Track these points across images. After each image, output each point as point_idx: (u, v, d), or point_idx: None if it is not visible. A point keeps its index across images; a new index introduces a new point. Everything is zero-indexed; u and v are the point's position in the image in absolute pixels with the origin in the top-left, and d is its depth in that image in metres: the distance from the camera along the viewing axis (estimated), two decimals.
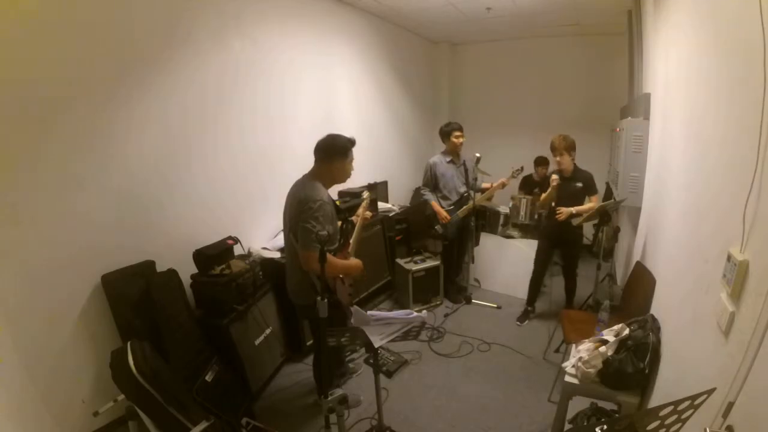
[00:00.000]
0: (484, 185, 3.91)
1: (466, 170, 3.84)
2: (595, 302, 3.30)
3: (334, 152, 2.17)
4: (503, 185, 3.83)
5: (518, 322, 3.66)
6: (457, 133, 3.71)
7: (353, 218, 2.51)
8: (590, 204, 3.25)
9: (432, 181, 3.81)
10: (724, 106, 1.41)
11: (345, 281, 2.32)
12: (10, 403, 1.61)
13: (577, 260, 3.56)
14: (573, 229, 3.31)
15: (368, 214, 2.56)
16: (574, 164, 3.29)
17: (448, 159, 3.79)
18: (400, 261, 3.92)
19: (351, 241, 2.39)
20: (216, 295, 2.42)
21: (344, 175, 2.25)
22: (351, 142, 2.22)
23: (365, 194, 2.64)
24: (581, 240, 3.59)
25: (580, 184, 3.26)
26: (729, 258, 1.14)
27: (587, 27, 4.92)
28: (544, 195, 3.41)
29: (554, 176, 3.26)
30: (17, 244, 1.86)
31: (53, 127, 1.97)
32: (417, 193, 4.83)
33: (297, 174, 2.25)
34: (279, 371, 2.92)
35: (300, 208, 2.05)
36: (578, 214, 3.21)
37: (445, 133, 3.76)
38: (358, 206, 2.74)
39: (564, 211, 3.21)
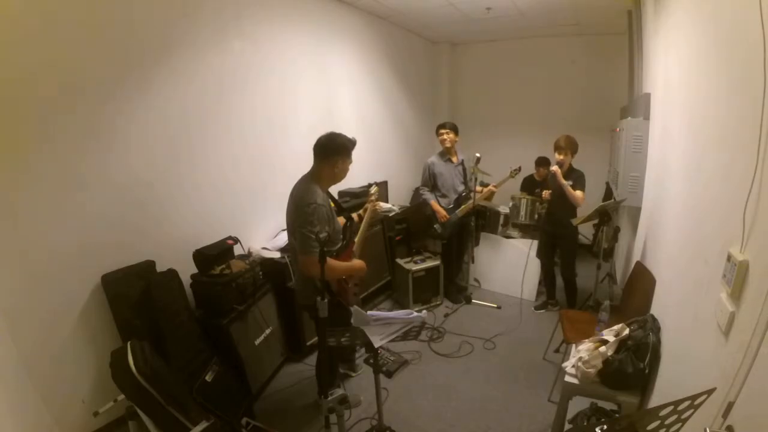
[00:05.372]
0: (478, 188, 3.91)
1: (464, 169, 3.85)
2: (595, 302, 3.30)
3: (335, 151, 2.12)
4: (491, 193, 3.85)
5: (534, 309, 3.91)
6: (441, 131, 3.75)
7: (359, 212, 2.49)
8: (579, 192, 3.35)
9: (430, 180, 3.83)
10: (724, 106, 1.41)
11: (349, 282, 2.32)
12: (10, 403, 1.61)
13: (573, 257, 3.58)
14: (565, 223, 3.38)
15: (380, 205, 2.45)
16: (570, 164, 3.44)
17: (445, 158, 3.81)
18: (400, 261, 3.92)
19: (356, 240, 2.38)
20: (216, 295, 2.42)
21: (344, 174, 2.22)
22: (352, 143, 2.18)
23: (373, 189, 2.54)
24: (575, 235, 3.63)
25: (570, 182, 3.37)
26: (729, 258, 1.14)
27: (587, 27, 4.91)
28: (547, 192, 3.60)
29: (554, 168, 3.42)
30: (17, 243, 1.86)
31: (53, 127, 1.97)
32: (417, 193, 4.83)
33: (297, 174, 2.25)
34: (279, 371, 2.92)
35: (296, 213, 2.06)
36: (572, 206, 3.36)
37: (436, 132, 3.83)
38: (359, 206, 2.72)
39: (555, 169, 3.37)
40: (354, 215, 2.46)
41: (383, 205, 4.23)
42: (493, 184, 3.86)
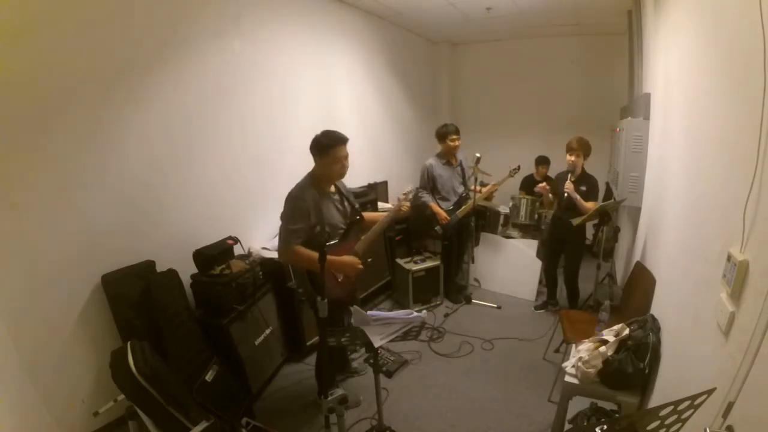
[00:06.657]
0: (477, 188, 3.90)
1: (463, 170, 3.84)
2: (595, 302, 3.30)
3: (315, 151, 2.19)
4: (491, 192, 3.84)
5: (534, 309, 3.89)
6: (453, 137, 3.69)
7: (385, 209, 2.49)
8: (591, 203, 3.27)
9: (429, 183, 3.81)
10: (724, 106, 1.41)
11: (338, 277, 2.31)
12: (10, 403, 1.61)
13: (578, 262, 3.55)
14: (575, 229, 3.31)
15: (407, 207, 2.41)
16: (583, 168, 3.35)
17: (444, 161, 3.79)
18: (400, 261, 3.92)
19: (363, 237, 2.38)
20: (216, 295, 2.42)
21: (332, 173, 2.21)
22: (336, 140, 2.15)
23: (410, 187, 2.50)
24: (583, 241, 3.58)
25: (584, 188, 3.30)
26: (729, 258, 1.14)
27: (587, 27, 4.91)
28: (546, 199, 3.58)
29: (568, 186, 3.28)
30: (17, 244, 1.86)
31: (54, 127, 1.97)
32: (416, 195, 4.83)
33: (297, 173, 2.26)
34: (279, 371, 2.92)
35: (284, 206, 2.19)
36: (580, 214, 3.24)
37: (441, 135, 3.74)
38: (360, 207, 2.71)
39: (569, 187, 3.26)
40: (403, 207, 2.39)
41: (386, 206, 4.24)
42: (493, 183, 3.87)
